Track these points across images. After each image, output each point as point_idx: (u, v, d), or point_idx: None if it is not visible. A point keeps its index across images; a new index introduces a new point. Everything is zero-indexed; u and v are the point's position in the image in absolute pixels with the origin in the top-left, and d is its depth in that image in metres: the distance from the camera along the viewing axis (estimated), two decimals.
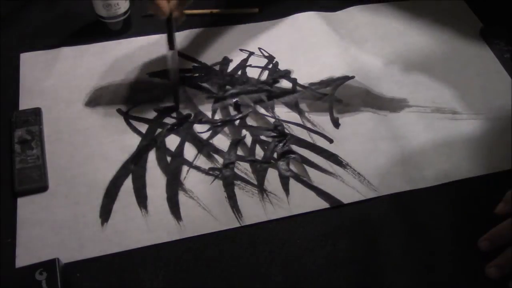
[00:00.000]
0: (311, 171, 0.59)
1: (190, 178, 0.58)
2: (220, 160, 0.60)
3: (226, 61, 0.70)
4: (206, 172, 0.59)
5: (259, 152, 0.60)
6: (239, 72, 0.69)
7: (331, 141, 0.62)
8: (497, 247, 0.52)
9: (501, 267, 0.51)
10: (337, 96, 0.67)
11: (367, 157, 0.61)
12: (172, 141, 0.61)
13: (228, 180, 0.58)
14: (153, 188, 0.57)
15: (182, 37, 0.72)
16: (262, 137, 0.62)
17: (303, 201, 0.56)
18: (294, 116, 0.64)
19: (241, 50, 0.72)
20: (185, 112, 0.64)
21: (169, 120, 0.63)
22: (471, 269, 0.52)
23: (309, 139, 0.62)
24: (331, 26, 0.75)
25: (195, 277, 0.51)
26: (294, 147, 0.61)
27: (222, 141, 0.61)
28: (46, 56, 0.69)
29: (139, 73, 0.68)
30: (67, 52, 0.70)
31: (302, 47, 0.72)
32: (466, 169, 0.60)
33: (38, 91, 0.65)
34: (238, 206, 0.56)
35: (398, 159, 0.60)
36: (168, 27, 0.60)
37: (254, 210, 0.56)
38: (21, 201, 0.55)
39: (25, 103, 0.64)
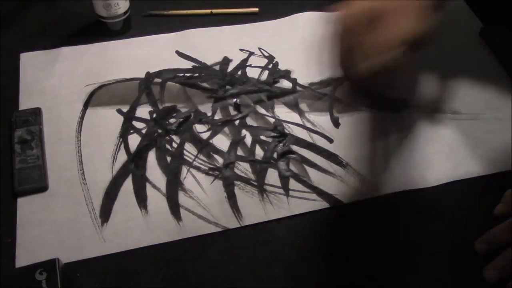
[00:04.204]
0: (311, 171, 0.59)
1: (190, 178, 0.58)
2: (220, 160, 0.60)
3: (226, 61, 0.70)
4: (206, 172, 0.59)
5: (259, 152, 0.60)
6: (239, 72, 0.69)
7: (331, 141, 0.62)
8: (493, 249, 0.52)
9: (500, 269, 0.51)
10: (337, 96, 0.67)
11: (367, 157, 0.61)
12: (172, 141, 0.61)
13: (228, 180, 0.58)
14: (153, 188, 0.57)
15: (182, 37, 0.73)
16: (262, 137, 0.62)
17: (303, 201, 0.56)
18: (294, 116, 0.64)
19: (241, 50, 0.72)
20: (185, 112, 0.64)
21: (169, 120, 0.63)
22: (470, 270, 0.52)
23: (309, 139, 0.62)
24: (331, 26, 0.75)
25: (195, 277, 0.51)
26: (294, 147, 0.61)
27: (222, 141, 0.61)
28: (46, 56, 0.69)
29: (139, 73, 0.68)
30: (67, 52, 0.70)
31: (302, 47, 0.72)
32: (466, 169, 0.60)
33: (38, 91, 0.65)
34: (238, 206, 0.56)
35: (398, 159, 0.60)
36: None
37: (254, 210, 0.56)
38: (21, 201, 0.55)
39: (25, 103, 0.64)
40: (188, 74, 0.68)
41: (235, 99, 0.66)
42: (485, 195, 0.58)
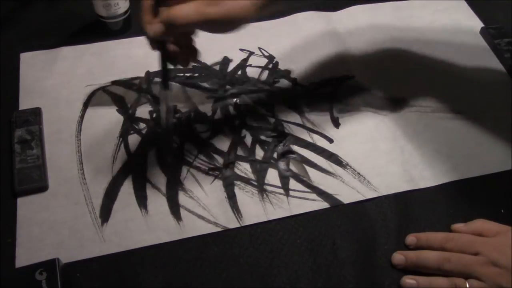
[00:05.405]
0: (311, 171, 0.59)
1: (190, 178, 0.58)
2: (220, 160, 0.60)
3: (226, 61, 0.70)
4: (206, 172, 0.59)
5: (259, 152, 0.60)
6: (239, 72, 0.69)
7: (331, 141, 0.62)
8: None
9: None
10: (337, 96, 0.67)
11: (367, 157, 0.61)
12: (172, 141, 0.61)
13: (228, 180, 0.58)
14: (153, 188, 0.57)
15: None
16: (262, 137, 0.62)
17: (303, 201, 0.57)
18: (294, 116, 0.64)
19: (241, 50, 0.72)
20: (185, 112, 0.64)
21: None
22: None
23: (309, 139, 0.62)
24: (331, 26, 0.75)
25: (195, 277, 0.51)
26: (294, 147, 0.61)
27: (222, 141, 0.61)
28: (46, 56, 0.69)
29: (139, 73, 0.68)
30: (67, 52, 0.70)
31: (302, 47, 0.72)
32: (466, 169, 0.60)
33: (38, 91, 0.65)
34: (238, 206, 0.56)
35: (398, 159, 0.60)
36: (161, 59, 0.51)
37: (254, 210, 0.56)
38: (21, 201, 0.55)
39: (25, 103, 0.64)
40: (188, 74, 0.68)
41: (235, 99, 0.66)
42: (485, 195, 0.58)
